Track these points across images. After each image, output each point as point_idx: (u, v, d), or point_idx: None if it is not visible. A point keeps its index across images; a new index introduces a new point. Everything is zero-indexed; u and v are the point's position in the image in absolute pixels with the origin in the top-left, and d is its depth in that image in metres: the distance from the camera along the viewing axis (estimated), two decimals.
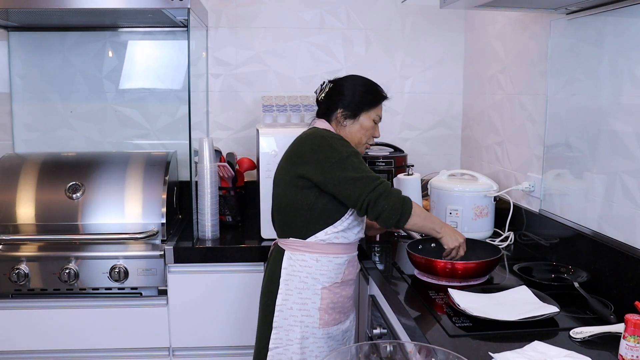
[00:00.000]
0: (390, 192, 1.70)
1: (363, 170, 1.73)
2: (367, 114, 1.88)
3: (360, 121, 1.87)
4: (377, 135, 1.94)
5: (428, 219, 1.77)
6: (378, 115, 1.91)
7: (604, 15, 1.69)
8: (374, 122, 1.90)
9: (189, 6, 2.09)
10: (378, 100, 1.89)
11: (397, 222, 1.70)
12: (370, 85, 1.91)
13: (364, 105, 1.87)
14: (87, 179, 2.33)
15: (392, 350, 1.16)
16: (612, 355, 1.26)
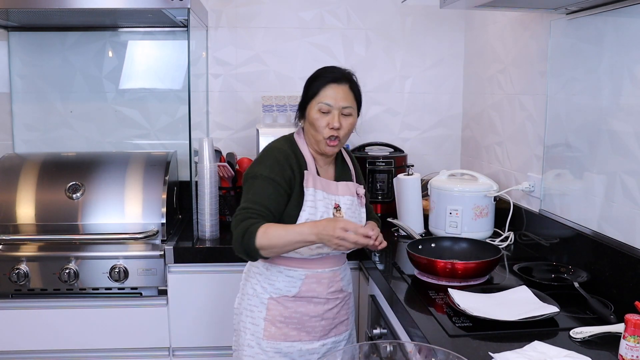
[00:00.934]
0: (237, 224, 1.61)
1: (250, 197, 1.65)
2: (310, 106, 1.72)
3: (308, 117, 1.73)
4: (333, 124, 1.69)
5: (289, 234, 1.58)
6: (322, 103, 1.68)
7: (604, 15, 1.69)
8: (320, 111, 1.69)
9: (189, 6, 2.09)
10: (317, 87, 1.70)
11: (247, 253, 1.60)
12: (312, 75, 1.75)
13: (306, 99, 1.74)
14: (87, 179, 2.33)
15: (392, 350, 1.17)
16: (612, 355, 1.26)
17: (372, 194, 2.60)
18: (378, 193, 2.61)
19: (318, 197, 1.71)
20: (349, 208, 1.77)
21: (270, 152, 1.73)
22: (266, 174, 1.67)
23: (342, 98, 1.69)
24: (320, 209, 1.71)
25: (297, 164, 1.72)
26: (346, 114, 1.71)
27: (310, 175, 1.72)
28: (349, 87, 1.72)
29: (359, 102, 1.77)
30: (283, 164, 1.69)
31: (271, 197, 1.65)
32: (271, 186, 1.66)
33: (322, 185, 1.74)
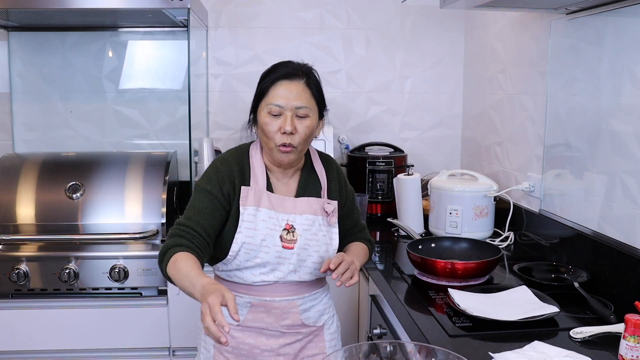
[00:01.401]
0: (167, 239, 1.44)
1: (187, 211, 1.48)
2: (260, 108, 1.49)
3: (258, 121, 1.50)
4: (285, 128, 1.44)
5: (185, 280, 1.31)
6: (272, 104, 1.45)
7: (604, 15, 1.69)
8: (270, 114, 1.46)
9: (189, 6, 2.09)
10: (266, 85, 1.48)
11: (163, 275, 1.41)
12: (263, 73, 1.54)
13: (255, 101, 1.52)
14: (87, 179, 2.33)
15: (392, 350, 1.17)
16: (612, 355, 1.26)
17: (372, 194, 2.60)
18: (378, 193, 2.61)
19: (261, 217, 1.48)
20: (307, 229, 1.52)
21: (213, 163, 1.56)
22: (203, 185, 1.50)
23: (296, 97, 1.45)
24: (261, 231, 1.48)
25: (241, 178, 1.51)
26: (301, 115, 1.46)
27: (250, 192, 1.50)
28: (305, 84, 1.48)
29: (320, 102, 1.53)
30: (222, 176, 1.50)
31: (206, 212, 1.46)
32: (207, 200, 1.47)
33: (271, 202, 1.51)
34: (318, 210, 1.55)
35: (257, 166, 1.54)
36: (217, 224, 1.48)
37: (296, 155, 1.51)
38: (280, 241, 1.49)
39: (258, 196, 1.50)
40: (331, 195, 1.60)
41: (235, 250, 1.48)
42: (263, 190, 1.52)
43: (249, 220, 1.48)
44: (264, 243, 1.48)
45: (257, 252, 1.48)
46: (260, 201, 1.50)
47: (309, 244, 1.52)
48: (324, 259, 1.53)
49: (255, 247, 1.48)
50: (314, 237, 1.53)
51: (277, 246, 1.49)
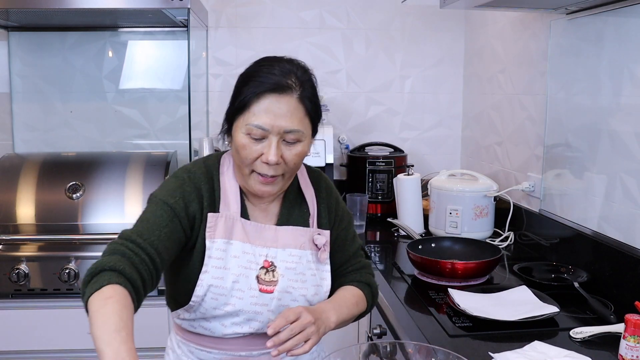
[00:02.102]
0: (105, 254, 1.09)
1: (137, 224, 1.15)
2: (237, 123, 1.18)
3: (233, 138, 1.19)
4: (269, 158, 1.14)
5: (99, 336, 1.02)
6: (253, 125, 1.14)
7: (604, 15, 1.69)
8: (249, 135, 1.15)
9: (189, 6, 2.09)
10: (247, 96, 1.15)
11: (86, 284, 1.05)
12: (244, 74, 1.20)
13: (232, 110, 1.20)
14: (87, 179, 2.33)
15: (392, 350, 1.17)
16: (612, 355, 1.26)
17: (372, 194, 2.60)
18: (378, 193, 2.61)
19: (233, 252, 1.19)
20: (292, 268, 1.23)
21: (178, 173, 1.24)
22: (163, 197, 1.18)
23: (285, 116, 1.14)
24: (233, 271, 1.18)
25: (210, 201, 1.21)
26: (290, 141, 1.16)
27: (219, 220, 1.20)
28: (298, 99, 1.16)
29: (315, 118, 1.22)
30: (189, 193, 1.19)
31: (164, 232, 1.14)
32: (167, 216, 1.16)
33: (246, 232, 1.21)
34: (306, 243, 1.26)
35: (229, 186, 1.24)
36: (173, 252, 1.17)
37: (281, 186, 1.22)
38: (257, 283, 1.19)
39: (229, 225, 1.20)
40: (322, 223, 1.30)
41: (200, 294, 1.17)
42: (236, 217, 1.22)
43: (218, 257, 1.18)
44: (237, 286, 1.18)
45: (228, 297, 1.18)
46: (232, 231, 1.20)
47: (293, 286, 1.22)
48: (311, 304, 1.23)
49: (225, 291, 1.18)
50: (300, 278, 1.23)
51: (252, 290, 1.19)
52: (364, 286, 1.33)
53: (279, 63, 1.19)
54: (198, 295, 1.17)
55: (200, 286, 1.17)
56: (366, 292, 1.32)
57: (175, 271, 1.23)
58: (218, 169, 1.26)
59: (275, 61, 1.20)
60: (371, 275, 1.37)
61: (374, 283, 1.36)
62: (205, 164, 1.26)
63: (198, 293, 1.17)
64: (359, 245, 1.39)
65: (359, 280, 1.34)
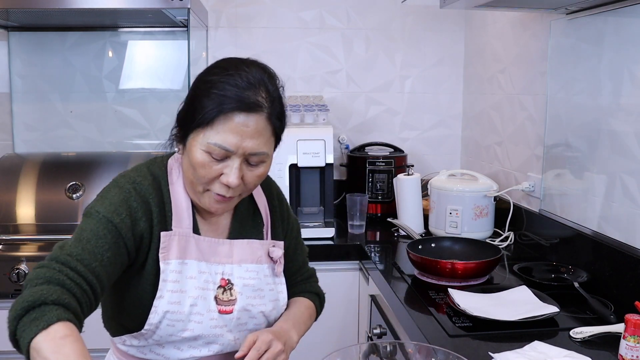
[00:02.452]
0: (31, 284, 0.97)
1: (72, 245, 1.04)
2: (194, 138, 1.06)
3: (188, 151, 1.09)
4: (229, 180, 1.05)
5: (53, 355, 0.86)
6: (216, 145, 1.03)
7: (604, 15, 1.69)
8: (209, 154, 1.04)
9: (189, 6, 2.09)
10: (211, 112, 1.03)
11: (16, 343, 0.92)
12: (206, 80, 1.07)
13: (189, 121, 1.08)
14: (87, 179, 2.33)
15: (392, 350, 1.17)
16: (612, 355, 1.26)
17: (372, 194, 2.60)
18: (378, 193, 2.61)
19: (188, 273, 1.10)
20: (250, 285, 1.16)
21: (121, 181, 1.11)
22: (106, 213, 1.06)
23: (252, 138, 1.04)
24: (190, 293, 1.09)
25: (160, 217, 1.10)
26: (254, 163, 1.08)
27: (172, 239, 1.09)
28: (267, 118, 1.05)
29: (279, 137, 1.13)
30: (135, 208, 1.07)
31: (106, 257, 1.02)
32: (111, 237, 1.03)
33: (200, 250, 1.12)
34: (262, 257, 1.18)
35: (180, 199, 1.12)
36: (114, 276, 1.05)
37: (235, 203, 1.14)
38: (216, 304, 1.11)
39: (183, 244, 1.10)
40: (276, 233, 1.24)
41: (154, 322, 1.07)
42: (189, 234, 1.11)
43: (174, 280, 1.08)
44: (195, 310, 1.09)
45: (186, 323, 1.09)
46: (186, 250, 1.10)
47: (252, 304, 1.15)
48: (269, 320, 1.19)
49: (182, 316, 1.08)
50: (259, 294, 1.16)
51: (211, 312, 1.11)
52: (314, 297, 1.33)
53: (246, 72, 1.05)
54: (152, 323, 1.07)
55: (155, 313, 1.07)
56: (317, 304, 1.33)
57: (119, 294, 1.12)
58: (166, 179, 1.14)
59: (241, 67, 1.06)
60: (317, 284, 1.37)
61: (321, 292, 1.36)
62: (150, 172, 1.13)
63: (152, 320, 1.07)
64: (306, 252, 1.36)
65: (309, 290, 1.33)
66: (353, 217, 2.34)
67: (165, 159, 1.19)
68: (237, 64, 1.08)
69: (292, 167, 2.26)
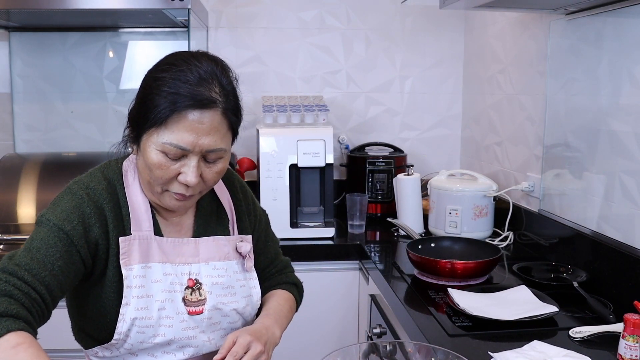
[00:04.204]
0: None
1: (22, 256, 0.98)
2: (148, 138, 1.03)
3: (142, 152, 1.05)
4: (187, 179, 1.03)
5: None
6: (171, 144, 1.00)
7: (603, 15, 1.70)
8: (164, 154, 1.02)
9: (189, 7, 2.10)
10: (163, 111, 0.99)
11: None
12: (153, 79, 1.03)
13: (141, 120, 1.03)
14: None
15: (391, 349, 1.17)
16: (611, 355, 1.26)
17: (372, 194, 2.60)
18: (378, 193, 2.61)
19: (154, 277, 1.08)
20: (219, 283, 1.14)
21: (74, 187, 1.08)
22: (57, 222, 1.02)
23: (208, 134, 1.02)
24: (157, 297, 1.07)
25: (117, 222, 1.07)
26: (211, 160, 1.06)
27: (133, 243, 1.07)
28: (222, 113, 1.03)
29: (236, 132, 1.10)
30: (88, 216, 1.04)
31: (57, 266, 0.99)
32: (62, 246, 1.00)
33: (163, 251, 1.10)
34: (230, 253, 1.16)
35: (137, 202, 1.10)
36: (68, 286, 1.03)
37: (196, 200, 1.12)
38: (185, 306, 1.10)
39: (145, 247, 1.08)
40: (242, 227, 1.22)
41: (123, 330, 1.05)
42: (150, 236, 1.09)
43: (138, 285, 1.06)
44: (164, 314, 1.07)
45: (156, 328, 1.07)
46: (148, 254, 1.08)
47: (223, 302, 1.13)
48: (244, 317, 1.18)
49: (152, 322, 1.06)
50: (229, 291, 1.14)
51: (181, 314, 1.09)
52: (291, 287, 1.31)
53: (197, 66, 1.02)
54: (121, 332, 1.05)
55: (122, 321, 1.05)
56: (295, 294, 1.31)
57: (84, 305, 1.10)
58: (122, 182, 1.11)
59: (191, 61, 1.02)
60: (293, 274, 1.34)
61: (298, 281, 1.34)
62: (105, 177, 1.10)
63: (121, 329, 1.05)
64: (277, 243, 1.34)
65: (285, 281, 1.31)
66: (353, 217, 2.34)
67: (120, 161, 1.14)
68: (187, 58, 1.04)
69: (292, 167, 2.26)
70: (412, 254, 1.83)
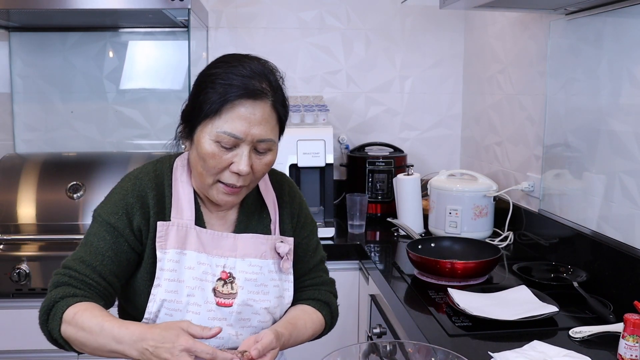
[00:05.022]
0: (49, 290, 1.13)
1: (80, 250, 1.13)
2: (202, 129, 1.09)
3: (196, 144, 1.12)
4: (239, 168, 1.08)
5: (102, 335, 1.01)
6: (224, 132, 1.06)
7: (603, 15, 1.70)
8: (218, 144, 1.08)
9: (189, 7, 2.10)
10: (218, 101, 1.06)
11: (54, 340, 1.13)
12: (209, 74, 1.10)
13: (196, 114, 1.10)
14: (88, 179, 2.33)
15: (391, 349, 1.17)
16: (611, 355, 1.26)
17: (372, 194, 2.60)
18: (378, 193, 2.61)
19: (187, 263, 1.12)
20: (253, 280, 1.16)
21: (122, 182, 1.19)
22: (105, 216, 1.12)
23: (259, 124, 1.08)
24: (188, 283, 1.12)
25: (158, 209, 1.14)
26: (262, 150, 1.11)
27: (170, 229, 1.13)
28: (272, 105, 1.11)
29: (283, 126, 1.17)
30: (132, 205, 1.13)
31: (107, 256, 1.10)
32: (110, 237, 1.11)
33: (201, 241, 1.14)
34: (267, 252, 1.19)
35: (182, 192, 1.17)
36: (123, 271, 1.12)
37: (244, 195, 1.16)
38: (214, 296, 1.12)
39: (182, 234, 1.13)
40: (284, 229, 1.24)
41: (153, 310, 1.11)
42: (190, 225, 1.14)
43: (171, 269, 1.11)
44: (192, 300, 1.11)
45: (184, 313, 1.11)
46: (185, 241, 1.13)
47: (254, 299, 1.15)
48: (275, 317, 1.18)
49: (180, 306, 1.11)
50: (262, 289, 1.16)
51: (209, 303, 1.12)
52: (322, 306, 1.27)
53: (248, 63, 1.10)
54: (151, 311, 1.11)
55: (152, 301, 1.11)
56: (325, 313, 1.27)
57: (124, 284, 1.17)
58: (170, 175, 1.19)
59: (243, 60, 1.10)
60: (332, 295, 1.30)
61: (334, 303, 1.29)
62: (155, 169, 1.20)
63: (151, 309, 1.11)
64: (321, 258, 1.32)
65: (317, 298, 1.27)
66: (353, 217, 2.34)
67: (172, 158, 1.24)
68: (238, 57, 1.13)
69: (292, 167, 2.26)
70: (412, 254, 1.83)
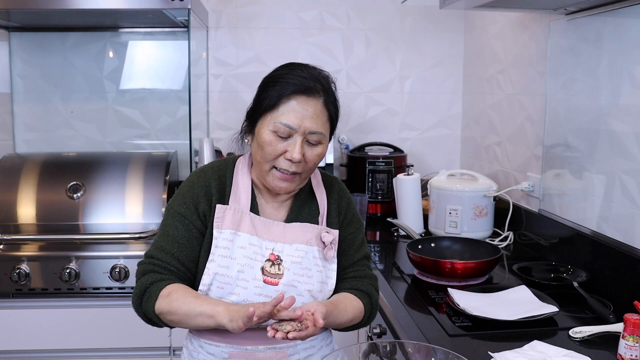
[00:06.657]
0: (138, 278, 1.27)
1: (158, 240, 1.28)
2: (263, 121, 1.24)
3: (257, 135, 1.26)
4: (292, 156, 1.22)
5: (195, 303, 1.18)
6: (281, 123, 1.21)
7: (603, 15, 1.70)
8: (275, 133, 1.22)
9: (189, 7, 2.10)
10: (276, 96, 1.22)
11: (148, 318, 1.26)
12: (271, 75, 1.29)
13: (257, 109, 1.26)
14: (88, 179, 2.33)
15: (391, 349, 1.17)
16: (611, 355, 1.27)
17: (372, 194, 2.60)
18: (378, 193, 2.61)
19: (239, 243, 1.25)
20: (298, 262, 1.27)
21: (190, 177, 1.34)
22: (176, 208, 1.29)
23: (311, 118, 1.21)
24: (239, 260, 1.24)
25: (219, 195, 1.29)
26: (313, 142, 1.24)
27: (227, 212, 1.27)
28: (323, 104, 1.24)
29: (334, 124, 1.29)
30: (198, 193, 1.29)
31: (182, 242, 1.26)
32: (182, 226, 1.27)
33: (254, 226, 1.27)
34: (313, 239, 1.29)
35: (241, 182, 1.31)
36: (196, 255, 1.27)
37: (297, 184, 1.29)
38: (262, 274, 1.24)
39: (238, 217, 1.27)
40: (331, 222, 1.35)
41: (206, 282, 1.24)
42: (245, 211, 1.28)
43: (224, 247, 1.24)
44: (241, 276, 1.23)
45: (233, 287, 1.23)
46: (240, 223, 1.26)
47: (298, 280, 1.25)
48: (317, 299, 1.26)
49: (230, 280, 1.23)
50: (306, 273, 1.26)
51: (257, 280, 1.23)
52: (363, 295, 1.32)
53: (306, 68, 1.27)
54: (205, 283, 1.23)
55: (206, 274, 1.24)
56: (365, 302, 1.31)
57: None
58: (232, 169, 1.33)
59: (301, 66, 1.27)
60: (373, 288, 1.35)
61: (374, 295, 1.34)
62: (220, 163, 1.35)
63: (205, 281, 1.23)
64: (365, 254, 1.39)
65: (359, 288, 1.32)
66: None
67: (237, 157, 1.38)
68: (299, 64, 1.29)
69: None
70: (412, 254, 1.83)
